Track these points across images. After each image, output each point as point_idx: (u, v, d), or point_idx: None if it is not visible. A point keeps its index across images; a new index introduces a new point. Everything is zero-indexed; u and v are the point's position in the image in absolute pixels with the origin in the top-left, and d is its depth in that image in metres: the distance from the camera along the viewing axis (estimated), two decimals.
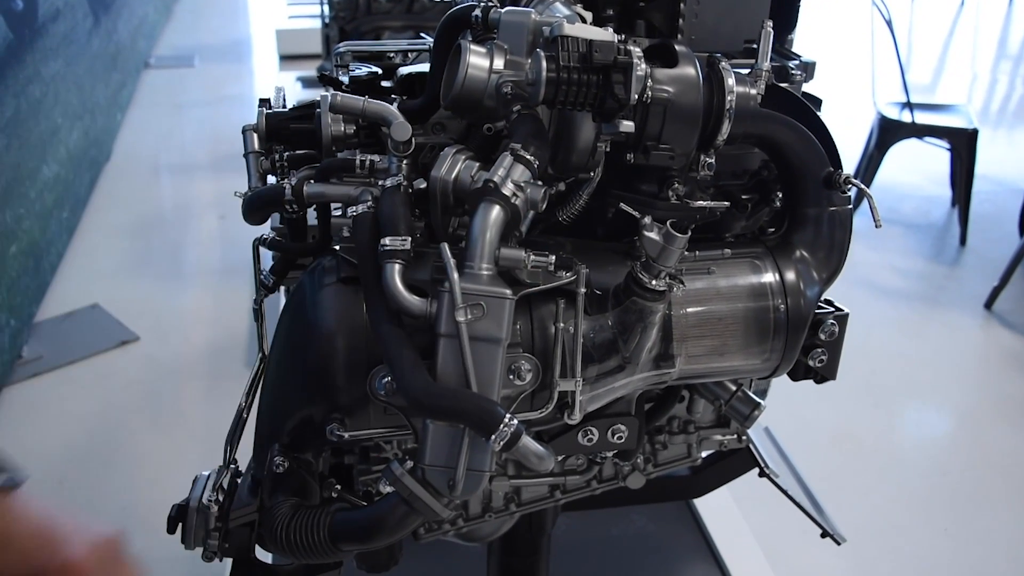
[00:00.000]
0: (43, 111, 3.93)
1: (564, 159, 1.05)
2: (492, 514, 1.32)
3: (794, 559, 2.39)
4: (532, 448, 0.87)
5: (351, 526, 0.93)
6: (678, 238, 0.93)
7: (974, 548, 2.53)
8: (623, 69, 0.92)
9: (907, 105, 4.42)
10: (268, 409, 1.07)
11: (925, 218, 4.85)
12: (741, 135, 1.05)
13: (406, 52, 1.44)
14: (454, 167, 0.99)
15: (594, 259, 1.03)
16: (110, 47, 5.66)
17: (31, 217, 3.59)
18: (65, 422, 2.99)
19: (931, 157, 5.00)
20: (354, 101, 1.06)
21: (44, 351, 3.34)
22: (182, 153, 5.52)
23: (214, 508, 1.01)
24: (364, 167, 1.05)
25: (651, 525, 2.30)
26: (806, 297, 1.10)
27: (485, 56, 1.01)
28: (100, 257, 4.13)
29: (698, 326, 1.07)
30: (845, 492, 2.70)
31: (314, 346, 0.99)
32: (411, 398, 0.86)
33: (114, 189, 4.87)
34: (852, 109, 5.55)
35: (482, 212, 0.89)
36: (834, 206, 1.11)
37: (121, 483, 2.70)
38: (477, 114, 1.04)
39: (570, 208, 1.10)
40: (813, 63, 1.26)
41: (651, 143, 1.01)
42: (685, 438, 1.37)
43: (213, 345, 3.47)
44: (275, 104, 1.24)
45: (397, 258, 0.91)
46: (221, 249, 4.27)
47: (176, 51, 7.76)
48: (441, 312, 0.88)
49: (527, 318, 1.01)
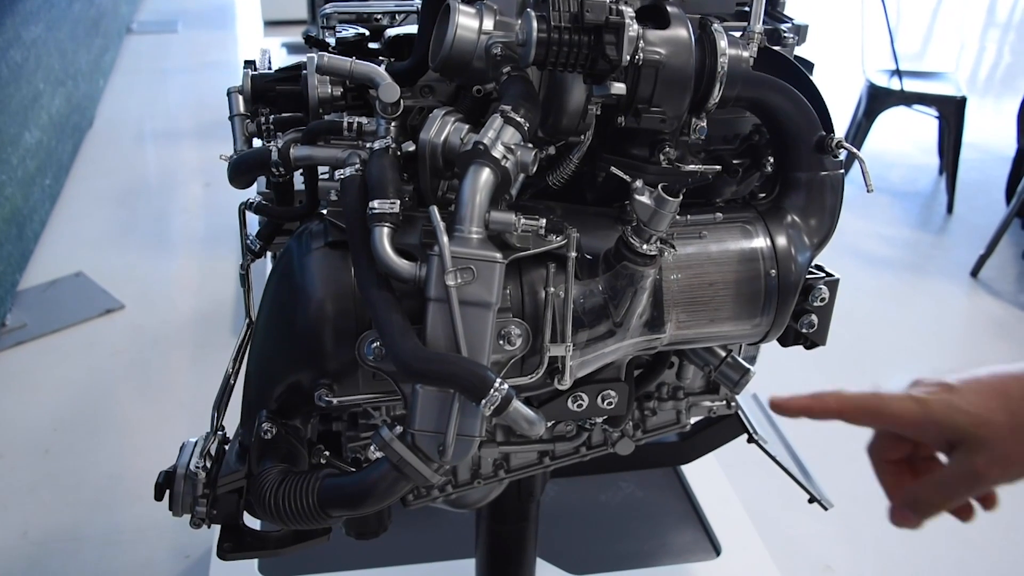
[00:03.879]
0: (24, 76, 3.87)
1: (555, 122, 1.04)
2: (481, 480, 1.32)
3: (781, 525, 2.41)
4: (522, 413, 0.87)
5: (340, 492, 0.93)
6: (669, 202, 0.92)
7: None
8: (615, 30, 0.91)
9: (896, 72, 4.41)
10: (255, 375, 1.06)
11: (912, 186, 4.87)
12: (733, 98, 1.04)
13: (394, 13, 1.42)
14: (443, 129, 0.97)
15: (585, 223, 1.02)
16: (92, 11, 5.59)
17: (13, 184, 3.55)
18: (50, 391, 2.98)
19: (919, 125, 5.00)
20: (341, 62, 1.04)
21: (28, 319, 3.32)
22: (166, 120, 5.47)
23: (202, 475, 1.00)
24: (352, 129, 1.03)
25: (639, 491, 2.32)
26: (797, 262, 1.09)
27: (474, 17, 0.99)
28: (84, 224, 4.10)
29: (688, 291, 1.06)
30: (832, 458, 2.72)
31: (302, 311, 0.98)
32: (400, 363, 0.85)
33: (97, 156, 4.82)
34: (841, 77, 5.54)
35: (472, 175, 0.88)
36: (826, 171, 1.10)
37: (108, 452, 2.70)
38: (466, 76, 1.03)
39: (560, 172, 1.09)
40: (806, 26, 1.25)
41: (642, 106, 0.99)
42: (675, 404, 1.37)
43: (199, 313, 3.46)
44: (261, 66, 1.22)
45: (386, 221, 0.89)
46: (206, 216, 4.24)
47: (159, 16, 7.68)
48: (431, 276, 0.87)
49: (517, 282, 1.00)
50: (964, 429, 0.73)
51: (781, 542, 2.35)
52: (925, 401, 0.74)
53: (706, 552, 2.15)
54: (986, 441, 0.72)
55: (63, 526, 2.42)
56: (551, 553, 2.03)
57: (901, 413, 0.76)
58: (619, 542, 2.16)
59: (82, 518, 2.45)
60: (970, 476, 0.74)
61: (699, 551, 2.15)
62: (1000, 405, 0.71)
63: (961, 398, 0.73)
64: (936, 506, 0.78)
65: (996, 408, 0.72)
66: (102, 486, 2.56)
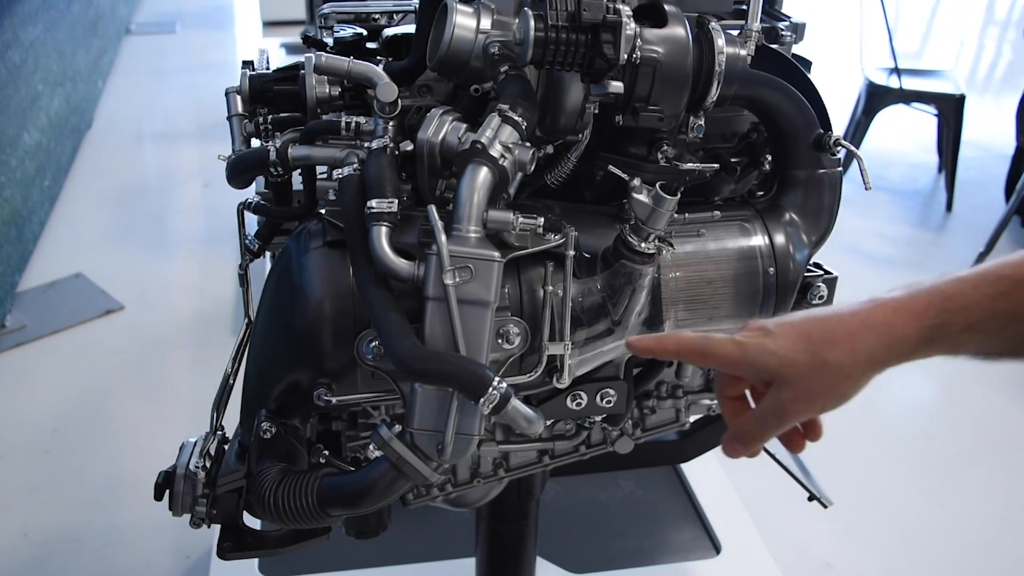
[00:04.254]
0: (23, 77, 3.87)
1: (552, 121, 1.04)
2: (480, 479, 1.32)
3: (781, 523, 2.41)
4: (521, 411, 0.87)
5: (339, 491, 0.93)
6: (667, 200, 0.92)
7: (958, 511, 2.56)
8: (612, 28, 0.91)
9: (895, 71, 4.41)
10: (255, 375, 1.06)
11: (912, 184, 4.86)
12: (731, 97, 1.04)
13: (392, 13, 1.42)
14: (441, 129, 0.97)
15: (583, 222, 1.02)
16: (90, 13, 5.58)
17: (12, 185, 3.55)
18: (50, 392, 2.97)
19: (918, 123, 5.00)
20: (339, 62, 1.04)
21: (27, 321, 3.32)
22: (165, 121, 5.47)
23: (201, 475, 1.00)
24: (350, 129, 1.04)
25: (639, 490, 2.32)
26: (795, 260, 1.09)
27: (472, 16, 0.99)
28: (83, 226, 4.10)
29: (687, 289, 1.06)
30: (832, 456, 2.72)
31: (300, 311, 0.98)
32: (399, 362, 0.86)
33: (96, 157, 4.82)
34: (840, 75, 5.54)
35: (470, 174, 0.88)
36: (823, 168, 1.10)
37: (107, 452, 2.70)
38: (464, 75, 1.03)
39: (559, 171, 1.09)
40: (803, 24, 1.25)
41: (640, 104, 1.00)
42: (674, 403, 1.37)
43: (199, 313, 3.46)
44: (258, 66, 1.22)
45: (384, 220, 0.90)
46: (206, 217, 4.24)
47: (157, 17, 7.67)
48: (429, 275, 0.87)
49: (515, 281, 1.00)
50: (772, 369, 0.80)
51: (781, 540, 2.35)
52: (743, 344, 0.81)
53: (706, 550, 2.15)
54: (790, 379, 0.79)
55: (63, 527, 2.42)
56: (551, 552, 2.03)
57: (723, 353, 0.82)
58: (619, 540, 2.16)
59: (82, 519, 2.45)
60: (779, 410, 0.80)
61: (699, 549, 2.15)
62: (803, 347, 0.78)
63: (773, 341, 0.79)
64: (756, 437, 0.84)
65: (800, 350, 0.78)
66: (102, 486, 2.56)
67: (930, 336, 0.76)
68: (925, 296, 0.77)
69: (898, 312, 0.77)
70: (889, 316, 0.77)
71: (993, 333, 0.76)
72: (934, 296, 0.76)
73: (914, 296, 0.77)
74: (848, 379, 0.78)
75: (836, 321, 0.78)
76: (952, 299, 0.76)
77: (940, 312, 0.76)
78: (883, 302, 0.78)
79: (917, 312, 0.76)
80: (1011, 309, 0.74)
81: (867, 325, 0.77)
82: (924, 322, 0.76)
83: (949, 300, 0.76)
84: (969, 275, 0.77)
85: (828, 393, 0.79)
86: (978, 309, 0.75)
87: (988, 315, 0.75)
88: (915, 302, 0.77)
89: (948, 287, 0.77)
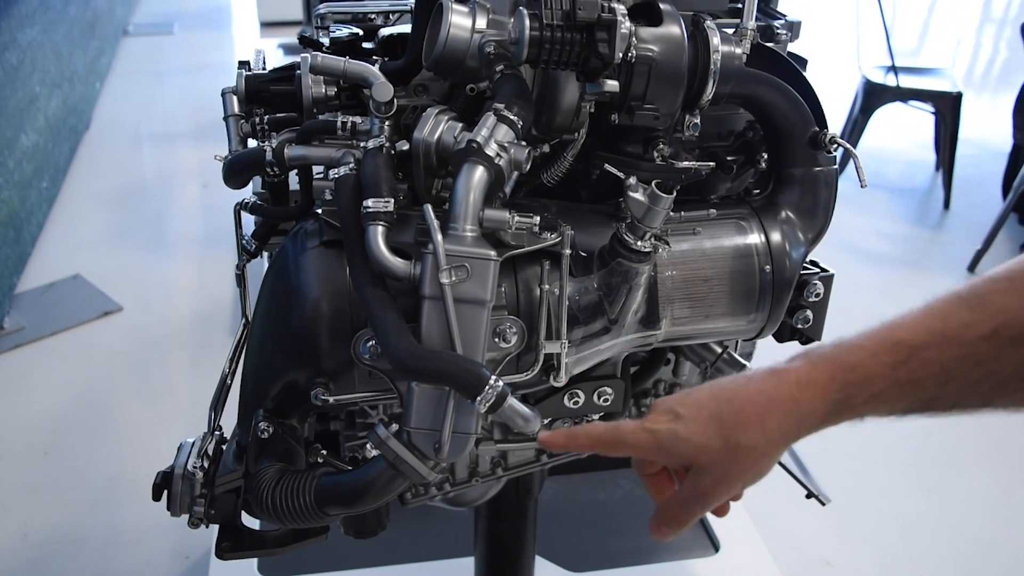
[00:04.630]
0: (20, 79, 3.87)
1: (548, 120, 1.04)
2: (479, 478, 1.32)
3: (779, 521, 2.41)
4: (518, 409, 0.87)
5: (337, 490, 0.93)
6: (663, 198, 0.92)
7: (956, 508, 2.56)
8: (607, 27, 0.91)
9: (892, 69, 4.41)
10: (252, 374, 1.06)
11: (909, 182, 4.87)
12: (726, 95, 1.04)
13: (388, 13, 1.42)
14: (437, 128, 0.97)
15: (579, 221, 1.02)
16: (88, 14, 5.58)
17: (10, 187, 3.55)
18: (49, 393, 2.98)
19: (916, 121, 5.01)
20: (335, 62, 1.04)
21: (26, 322, 3.32)
22: (163, 121, 5.47)
23: (199, 475, 1.00)
24: (346, 129, 1.04)
25: (638, 489, 2.32)
26: (791, 258, 1.10)
27: (467, 15, 0.99)
28: (81, 227, 4.10)
29: (683, 287, 1.06)
30: (829, 454, 2.72)
31: (297, 310, 0.98)
32: (395, 361, 0.86)
33: (94, 158, 4.82)
34: (837, 73, 5.54)
35: (465, 173, 0.88)
36: (819, 166, 1.10)
37: (107, 453, 2.70)
38: (460, 75, 1.03)
39: (555, 170, 1.10)
40: (799, 22, 1.25)
41: (636, 103, 1.00)
42: None
43: (197, 314, 3.46)
44: (255, 66, 1.22)
45: (380, 220, 0.90)
46: (204, 218, 4.24)
47: (155, 18, 7.67)
48: (425, 274, 0.87)
49: (512, 280, 1.00)
50: (688, 456, 0.80)
51: (779, 538, 2.35)
52: (655, 432, 0.80)
53: (705, 549, 2.15)
54: (707, 466, 0.80)
55: (63, 528, 2.42)
56: (550, 551, 2.03)
57: (637, 444, 0.82)
58: (618, 539, 2.16)
59: (82, 519, 2.45)
60: (702, 495, 0.81)
61: (698, 548, 2.15)
62: (715, 432, 0.78)
63: (684, 427, 0.79)
64: (683, 521, 0.85)
65: (712, 435, 0.78)
66: (101, 487, 2.57)
67: (835, 409, 0.77)
68: (827, 368, 0.77)
69: (802, 387, 0.77)
70: (794, 392, 0.77)
71: (896, 400, 0.76)
72: (836, 368, 0.76)
73: (817, 367, 0.77)
74: (764, 457, 0.79)
75: (744, 401, 0.78)
76: (853, 370, 0.76)
77: (843, 385, 0.76)
78: (786, 375, 0.78)
79: (821, 385, 0.76)
80: (911, 377, 0.74)
81: (774, 404, 0.77)
82: (828, 395, 0.76)
83: (850, 372, 0.76)
84: (868, 342, 0.76)
85: (746, 473, 0.80)
86: (880, 379, 0.75)
87: (890, 384, 0.75)
88: (819, 374, 0.77)
89: (849, 356, 0.76)
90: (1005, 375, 0.73)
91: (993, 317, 0.71)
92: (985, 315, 0.72)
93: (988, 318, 0.71)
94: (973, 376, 0.73)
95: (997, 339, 0.71)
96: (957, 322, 0.73)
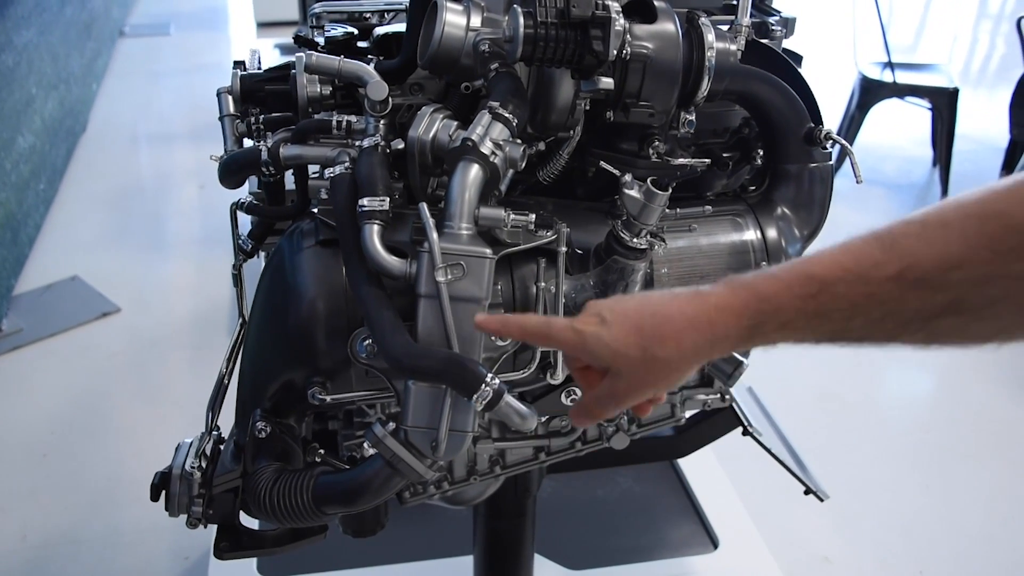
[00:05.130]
0: (16, 81, 3.87)
1: (543, 118, 1.04)
2: (477, 477, 1.32)
3: (778, 517, 2.41)
4: (514, 407, 0.87)
5: (334, 489, 0.93)
6: (659, 195, 0.93)
7: (955, 504, 2.57)
8: (601, 24, 0.91)
9: (888, 65, 4.41)
10: (249, 374, 1.06)
11: (907, 178, 4.87)
12: (721, 91, 1.05)
13: (383, 12, 1.42)
14: (432, 126, 0.97)
15: (575, 218, 1.03)
16: (84, 15, 5.57)
17: (7, 189, 3.54)
18: (47, 395, 2.97)
19: (912, 117, 5.00)
20: (330, 61, 1.05)
21: (24, 324, 3.31)
22: (160, 122, 5.47)
23: (197, 475, 1.00)
24: (341, 128, 1.04)
25: (636, 486, 2.32)
26: (787, 254, 1.10)
27: (462, 14, 1.00)
28: (79, 228, 4.09)
29: (680, 284, 1.07)
30: (828, 450, 2.73)
31: (294, 310, 0.98)
32: (392, 359, 0.86)
33: (91, 160, 4.82)
34: (834, 70, 5.54)
35: (461, 171, 0.88)
36: (815, 162, 1.11)
37: (105, 454, 2.70)
38: (455, 73, 1.03)
39: (551, 168, 1.10)
40: (793, 19, 1.25)
41: (631, 100, 1.00)
42: (668, 398, 1.37)
43: (195, 315, 3.45)
44: (250, 66, 1.22)
45: (376, 219, 0.90)
46: (201, 218, 4.24)
47: (151, 19, 7.66)
48: (421, 272, 0.87)
49: (508, 278, 1.01)
50: (607, 359, 0.84)
51: (779, 534, 2.35)
52: (581, 332, 0.84)
53: (704, 545, 2.15)
54: (623, 371, 0.83)
55: (62, 529, 2.42)
56: (549, 549, 2.03)
57: (563, 341, 0.85)
58: (617, 537, 2.16)
59: (81, 521, 2.45)
60: (614, 396, 0.86)
61: (697, 544, 2.15)
62: (635, 342, 0.82)
63: (608, 332, 0.83)
64: (598, 414, 0.89)
65: (632, 344, 0.82)
66: (100, 488, 2.56)
67: (748, 334, 0.80)
68: (743, 295, 0.80)
69: (719, 311, 0.80)
70: (712, 315, 0.80)
71: (804, 331, 0.80)
72: (751, 296, 0.79)
73: (735, 293, 0.80)
74: (676, 371, 0.83)
75: (665, 318, 0.82)
76: (767, 300, 0.79)
77: (756, 313, 0.79)
78: (707, 298, 0.82)
79: (736, 311, 0.80)
80: (819, 310, 0.77)
81: (692, 324, 0.81)
82: (742, 321, 0.80)
83: (764, 301, 0.79)
84: (784, 274, 0.80)
85: (657, 383, 0.85)
86: (790, 310, 0.78)
87: (799, 315, 0.78)
88: (735, 300, 0.80)
89: (764, 286, 0.80)
90: (908, 315, 0.76)
91: (901, 259, 0.74)
92: (894, 256, 0.74)
93: (896, 259, 0.74)
94: (878, 313, 0.76)
95: (902, 280, 0.74)
96: (868, 261, 0.76)
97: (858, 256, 0.77)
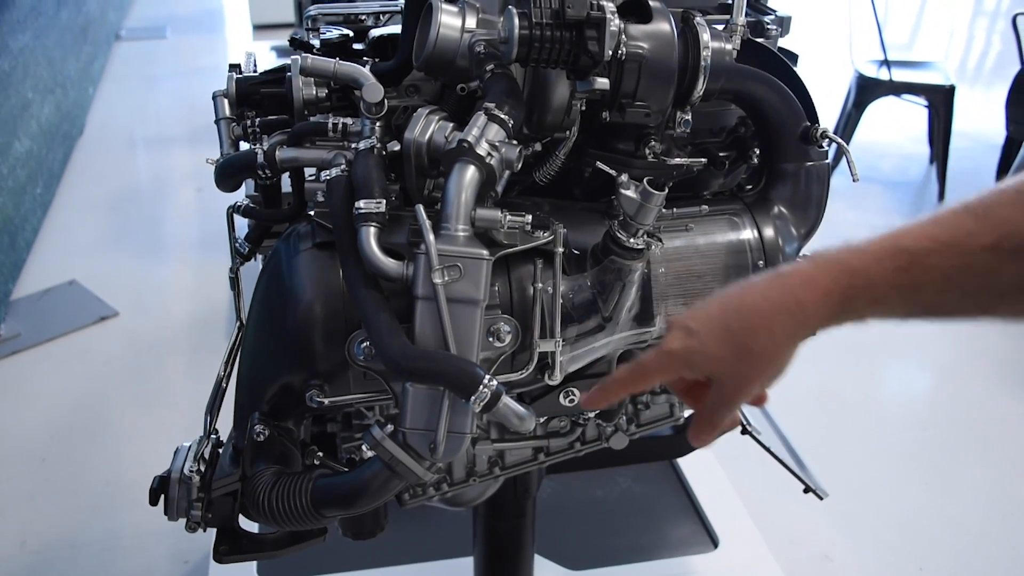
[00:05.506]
0: (12, 85, 3.86)
1: (539, 119, 1.04)
2: (476, 478, 1.32)
3: (778, 516, 2.41)
4: (513, 408, 0.87)
5: (333, 491, 0.93)
6: (655, 195, 0.93)
7: (955, 501, 2.57)
8: (596, 25, 0.91)
9: (884, 63, 4.41)
10: (247, 377, 1.06)
11: (904, 175, 4.87)
12: (717, 91, 1.05)
13: (378, 14, 1.42)
14: (428, 128, 0.97)
15: (572, 219, 1.02)
16: (80, 19, 5.57)
17: (4, 193, 3.54)
18: (46, 399, 2.97)
19: (909, 115, 5.01)
20: (325, 64, 1.04)
21: (22, 329, 3.31)
22: (157, 126, 5.46)
23: (196, 478, 1.00)
24: (337, 130, 1.04)
25: (636, 486, 2.32)
26: (784, 253, 1.10)
27: (457, 15, 0.99)
28: (76, 233, 4.09)
29: (677, 284, 1.06)
30: (827, 448, 2.73)
31: (291, 313, 0.98)
32: (389, 361, 0.86)
33: (88, 164, 4.81)
34: (830, 68, 5.54)
35: (457, 173, 0.88)
36: (811, 161, 1.11)
37: (104, 459, 2.69)
38: (450, 74, 1.03)
39: (547, 168, 1.10)
40: (789, 18, 1.25)
41: (626, 100, 1.00)
42: (667, 398, 1.37)
43: (194, 318, 3.45)
44: (245, 69, 1.22)
45: (372, 221, 0.90)
46: (199, 222, 4.24)
47: (147, 22, 7.66)
48: (418, 274, 0.87)
49: (505, 279, 1.00)
50: (706, 369, 0.83)
51: (778, 533, 2.35)
52: (672, 352, 0.83)
53: (704, 545, 2.15)
54: (725, 375, 0.82)
55: (61, 534, 2.42)
56: (549, 549, 2.03)
57: (661, 369, 0.85)
58: (617, 537, 2.17)
59: (80, 525, 2.45)
60: (724, 402, 0.84)
61: (697, 544, 2.15)
62: (727, 342, 0.80)
63: (699, 342, 0.82)
64: (713, 425, 0.87)
65: (725, 345, 0.80)
66: (99, 493, 2.56)
67: (838, 311, 0.78)
68: (831, 270, 0.78)
69: (806, 288, 0.78)
70: (798, 294, 0.78)
71: (896, 306, 0.78)
72: (840, 271, 0.77)
73: (821, 269, 0.78)
74: (775, 359, 0.81)
75: (750, 309, 0.80)
76: (856, 274, 0.77)
77: (846, 288, 0.77)
78: (790, 278, 0.80)
79: (824, 288, 0.78)
80: (912, 283, 0.76)
81: (778, 308, 0.79)
82: (831, 297, 0.78)
83: (854, 276, 0.77)
84: (873, 247, 0.77)
85: (762, 375, 0.82)
86: (882, 284, 0.76)
87: (891, 289, 0.76)
88: (822, 276, 0.78)
89: (853, 260, 0.78)
90: (1004, 286, 0.73)
91: (996, 228, 0.72)
92: (989, 226, 0.72)
93: (992, 229, 0.72)
94: (973, 285, 0.74)
95: (998, 250, 0.72)
96: (961, 231, 0.74)
97: (950, 226, 0.75)
